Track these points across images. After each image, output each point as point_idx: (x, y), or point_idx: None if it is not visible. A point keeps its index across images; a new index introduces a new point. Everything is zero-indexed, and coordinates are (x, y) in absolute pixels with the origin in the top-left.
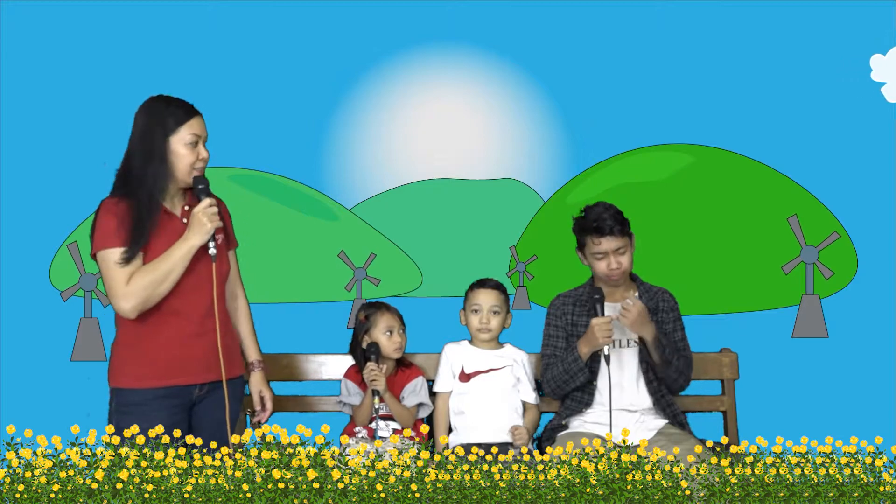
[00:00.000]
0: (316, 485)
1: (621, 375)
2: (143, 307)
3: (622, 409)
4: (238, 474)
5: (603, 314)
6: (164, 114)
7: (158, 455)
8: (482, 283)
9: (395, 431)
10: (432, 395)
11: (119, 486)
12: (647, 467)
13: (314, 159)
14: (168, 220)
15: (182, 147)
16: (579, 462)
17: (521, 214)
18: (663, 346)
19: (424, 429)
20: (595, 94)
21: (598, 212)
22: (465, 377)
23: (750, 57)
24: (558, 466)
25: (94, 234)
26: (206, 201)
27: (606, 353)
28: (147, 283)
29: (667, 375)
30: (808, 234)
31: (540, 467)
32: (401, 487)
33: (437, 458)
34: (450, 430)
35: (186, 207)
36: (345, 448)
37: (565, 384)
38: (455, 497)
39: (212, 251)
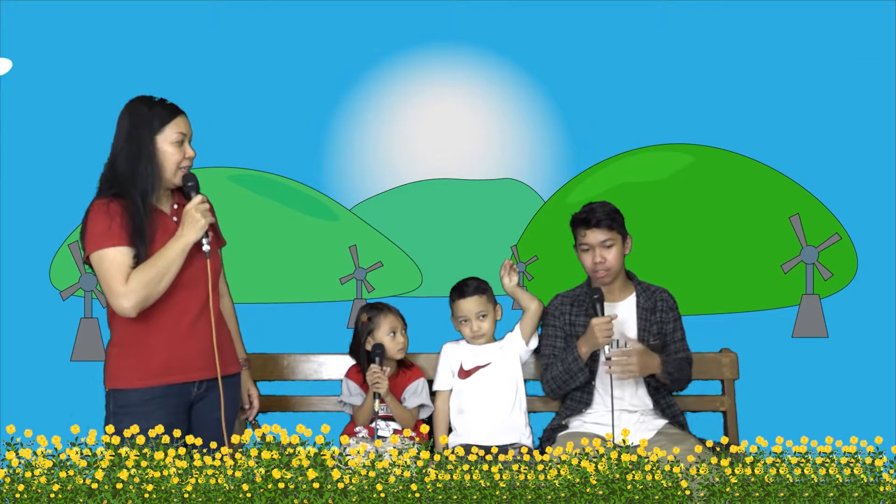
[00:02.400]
0: (316, 485)
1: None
2: (142, 305)
3: (622, 409)
4: (238, 474)
5: (603, 314)
6: (148, 114)
7: (158, 455)
8: (462, 293)
9: (395, 431)
10: (433, 394)
11: (119, 486)
12: (647, 467)
13: (314, 159)
14: (160, 219)
15: (169, 146)
16: (579, 462)
17: (521, 214)
18: (669, 373)
19: (424, 429)
20: (595, 94)
21: (591, 206)
22: (464, 374)
23: (750, 57)
24: (558, 466)
25: (86, 235)
26: (199, 198)
27: (607, 353)
28: (146, 280)
29: (673, 388)
30: (808, 235)
31: (540, 467)
32: (401, 487)
33: (437, 458)
34: (450, 430)
35: (176, 206)
36: (345, 448)
37: (565, 384)
38: (455, 497)
39: (206, 248)
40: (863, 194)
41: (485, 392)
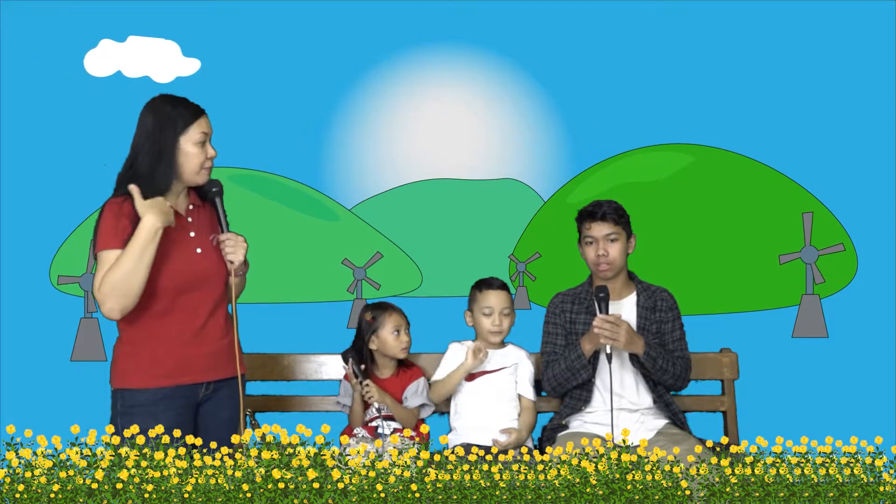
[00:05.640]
0: (316, 485)
1: (622, 374)
2: (122, 304)
3: (622, 408)
4: (238, 474)
5: (607, 313)
6: (172, 114)
7: (158, 455)
8: (490, 284)
9: (395, 431)
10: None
11: (119, 486)
12: (647, 467)
13: (314, 159)
14: (175, 220)
15: (192, 146)
16: (579, 462)
17: (521, 214)
18: (653, 358)
19: (425, 429)
20: (595, 94)
21: (599, 202)
22: (469, 377)
23: (750, 57)
24: (558, 466)
25: (96, 234)
26: (227, 235)
27: (609, 351)
28: (116, 280)
29: (663, 381)
30: (814, 236)
31: (540, 467)
32: (401, 487)
33: (452, 457)
34: (449, 430)
35: (191, 206)
36: (345, 448)
37: (566, 382)
38: (455, 497)
39: (229, 262)
40: (863, 194)
41: (487, 396)
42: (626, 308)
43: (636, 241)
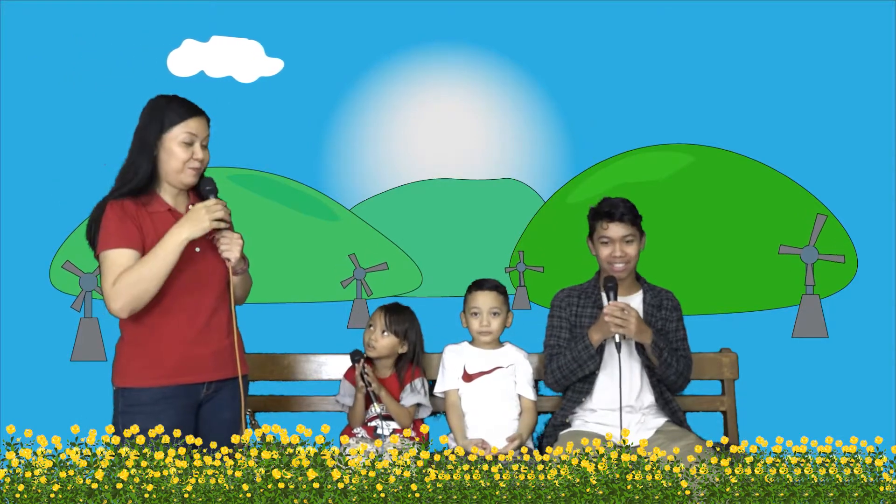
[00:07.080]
0: (316, 485)
1: (628, 369)
2: (133, 305)
3: (623, 406)
4: (238, 474)
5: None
6: (164, 110)
7: (158, 455)
8: (480, 285)
9: (394, 431)
10: (432, 396)
11: (119, 486)
12: (647, 467)
13: (314, 159)
14: (173, 220)
15: (176, 145)
16: (579, 462)
17: (521, 214)
18: (661, 349)
19: (424, 429)
20: (595, 94)
21: (614, 200)
22: (467, 378)
23: (750, 57)
24: (558, 466)
25: (98, 233)
26: (213, 200)
27: (618, 340)
28: (132, 281)
29: (666, 377)
30: (820, 239)
31: (540, 467)
32: (401, 487)
33: (452, 457)
34: (448, 431)
35: (191, 206)
36: (345, 448)
37: (572, 374)
38: (455, 497)
39: (226, 259)
40: (863, 193)
41: (487, 396)
42: (633, 304)
43: (645, 238)
